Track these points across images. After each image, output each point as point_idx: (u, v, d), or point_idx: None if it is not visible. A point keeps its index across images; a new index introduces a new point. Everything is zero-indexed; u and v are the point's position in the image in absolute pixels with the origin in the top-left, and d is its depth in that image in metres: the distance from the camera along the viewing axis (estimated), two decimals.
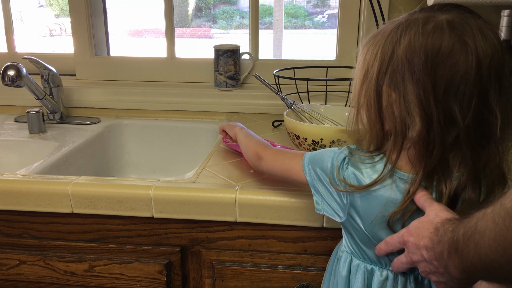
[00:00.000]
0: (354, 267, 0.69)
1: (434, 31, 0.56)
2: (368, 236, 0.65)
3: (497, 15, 1.03)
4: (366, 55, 0.62)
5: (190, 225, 0.85)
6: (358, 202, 0.64)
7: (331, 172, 0.67)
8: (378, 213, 0.62)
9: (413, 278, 0.66)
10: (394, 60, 0.58)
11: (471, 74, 0.54)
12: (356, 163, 0.64)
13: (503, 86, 0.56)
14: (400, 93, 0.57)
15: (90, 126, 1.29)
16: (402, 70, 0.57)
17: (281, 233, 0.84)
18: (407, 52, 0.56)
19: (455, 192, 0.59)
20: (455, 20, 0.56)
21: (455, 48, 0.55)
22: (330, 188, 0.68)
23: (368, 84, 0.61)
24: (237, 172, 0.91)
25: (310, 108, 1.07)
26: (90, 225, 0.88)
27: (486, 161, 0.59)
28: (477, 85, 0.55)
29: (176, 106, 1.36)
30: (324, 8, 9.48)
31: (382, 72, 0.59)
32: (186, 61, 1.43)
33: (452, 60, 0.55)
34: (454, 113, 0.55)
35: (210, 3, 10.06)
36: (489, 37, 0.56)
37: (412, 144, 0.60)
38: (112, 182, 0.86)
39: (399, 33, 0.58)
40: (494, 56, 0.55)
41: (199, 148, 1.31)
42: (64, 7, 9.59)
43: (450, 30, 0.56)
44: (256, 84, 1.39)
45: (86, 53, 1.44)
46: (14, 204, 0.86)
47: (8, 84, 1.15)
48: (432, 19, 0.57)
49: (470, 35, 0.55)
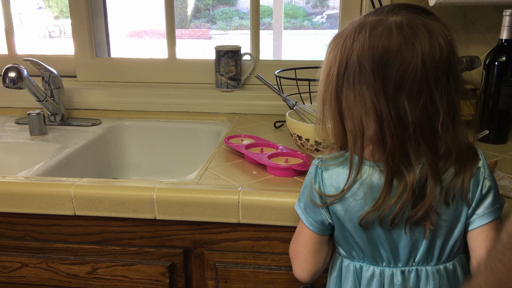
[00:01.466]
0: (344, 268, 0.71)
1: (382, 35, 0.59)
2: (352, 236, 0.67)
3: (499, 14, 1.03)
4: (329, 56, 0.65)
5: (193, 226, 0.85)
6: (338, 207, 0.66)
7: (310, 190, 0.69)
8: (358, 212, 0.65)
9: (399, 271, 0.67)
10: (349, 63, 0.61)
11: (418, 73, 0.58)
12: (328, 167, 0.67)
13: (450, 83, 0.60)
14: (356, 94, 0.61)
15: (91, 127, 1.29)
16: (355, 73, 0.60)
17: (284, 234, 0.83)
18: (359, 56, 0.60)
19: (418, 184, 0.62)
20: (403, 22, 0.59)
21: (402, 49, 0.58)
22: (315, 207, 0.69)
23: (329, 85, 0.64)
24: (239, 173, 0.91)
25: (312, 109, 1.07)
26: (92, 227, 0.88)
27: (445, 150, 0.61)
28: (423, 84, 0.58)
29: (177, 107, 1.36)
30: (323, 9, 9.47)
31: (341, 74, 0.62)
32: (187, 62, 1.43)
33: (398, 60, 0.58)
34: (404, 110, 0.59)
35: (209, 4, 10.09)
36: (436, 36, 0.59)
37: (372, 142, 0.63)
38: (114, 184, 0.86)
39: (352, 38, 0.61)
40: (441, 56, 0.58)
41: (200, 149, 1.31)
42: (63, 8, 9.57)
43: (398, 32, 0.59)
44: (257, 84, 1.38)
45: (86, 55, 1.44)
46: (16, 206, 0.86)
47: (9, 86, 1.15)
48: (381, 22, 0.60)
49: (416, 36, 0.58)
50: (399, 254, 0.67)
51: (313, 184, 0.68)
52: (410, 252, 0.66)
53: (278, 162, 0.91)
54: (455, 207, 0.64)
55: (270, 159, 0.92)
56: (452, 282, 0.68)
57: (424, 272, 0.67)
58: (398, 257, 0.67)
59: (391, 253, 0.67)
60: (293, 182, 0.87)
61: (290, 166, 0.88)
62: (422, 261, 0.67)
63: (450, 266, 0.68)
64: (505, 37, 1.02)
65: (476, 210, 0.65)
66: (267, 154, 0.94)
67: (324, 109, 0.67)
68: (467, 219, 0.65)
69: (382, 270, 0.68)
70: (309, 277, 0.72)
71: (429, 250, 0.66)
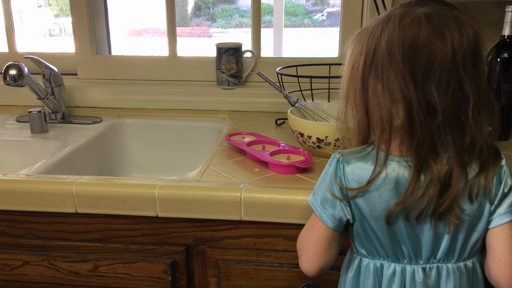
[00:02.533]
0: (364, 267, 0.70)
1: (411, 24, 0.59)
2: (375, 232, 0.66)
3: (501, 10, 1.02)
4: (353, 50, 0.65)
5: (195, 224, 0.85)
6: (361, 202, 0.66)
7: (331, 184, 0.68)
8: (383, 206, 0.64)
9: (421, 269, 0.67)
10: (377, 53, 0.61)
11: (447, 61, 0.58)
12: (350, 160, 0.67)
13: (477, 73, 0.60)
14: (384, 83, 0.61)
15: (92, 125, 1.28)
16: (384, 62, 0.61)
17: (287, 231, 0.83)
18: (388, 45, 0.60)
19: (444, 176, 0.61)
20: (431, 13, 0.60)
21: (432, 38, 0.59)
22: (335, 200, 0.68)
23: (355, 77, 0.65)
24: (241, 171, 0.91)
25: (313, 106, 1.07)
26: (94, 225, 0.87)
27: (470, 141, 0.61)
28: (452, 72, 0.59)
29: (178, 105, 1.36)
30: (323, 6, 9.46)
31: (367, 65, 0.63)
32: (188, 59, 1.43)
33: (428, 49, 0.58)
34: (434, 98, 0.59)
35: (209, 2, 10.07)
36: (464, 27, 0.59)
37: (399, 132, 0.63)
38: (116, 181, 0.86)
39: (381, 28, 0.62)
40: (469, 45, 0.59)
41: (202, 146, 1.30)
42: (63, 7, 9.56)
43: (427, 22, 0.59)
44: (258, 82, 1.38)
45: (87, 52, 1.44)
46: (18, 204, 0.86)
47: (9, 83, 1.15)
48: (409, 13, 0.61)
49: (446, 26, 0.59)
50: (421, 250, 0.66)
51: (335, 178, 0.67)
52: (433, 248, 0.66)
53: (280, 159, 0.91)
54: (478, 204, 0.64)
55: (272, 156, 0.92)
56: (471, 279, 0.68)
57: (445, 270, 0.67)
58: (420, 254, 0.67)
59: (412, 250, 0.66)
60: (295, 179, 0.86)
61: (292, 163, 0.88)
62: (443, 258, 0.66)
63: (470, 264, 0.68)
64: (507, 33, 1.01)
65: (498, 209, 0.65)
66: (269, 151, 0.94)
67: (347, 104, 0.67)
68: (489, 216, 0.65)
69: (403, 267, 0.67)
70: (316, 271, 0.71)
71: (450, 247, 0.66)
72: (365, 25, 0.65)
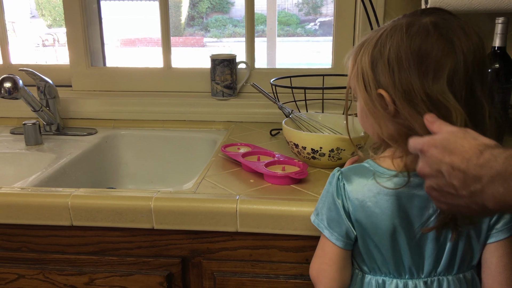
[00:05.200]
0: (366, 284, 0.70)
1: (419, 32, 0.59)
2: (378, 247, 0.66)
3: (491, 21, 1.04)
4: (359, 61, 0.64)
5: (191, 236, 0.85)
6: (363, 218, 0.66)
7: (333, 203, 0.68)
8: (386, 221, 0.64)
9: (422, 282, 0.67)
10: (386, 61, 0.60)
11: (460, 68, 0.58)
12: (350, 178, 0.66)
13: (485, 79, 0.61)
14: (397, 91, 0.60)
15: (87, 137, 1.29)
16: (395, 69, 0.59)
17: (282, 242, 0.83)
18: (397, 53, 0.59)
19: None
20: (438, 21, 0.60)
21: (442, 45, 0.58)
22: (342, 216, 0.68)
23: (365, 88, 0.63)
24: (237, 182, 0.91)
25: (308, 117, 1.07)
26: (89, 238, 0.87)
27: None
28: (465, 78, 0.58)
29: (173, 116, 1.36)
30: (316, 16, 9.54)
31: (377, 74, 0.61)
32: (182, 71, 1.43)
33: (440, 56, 0.58)
34: (449, 104, 0.58)
35: (203, 12, 10.11)
36: (471, 35, 0.60)
37: None
38: (111, 193, 0.86)
39: (387, 38, 0.61)
40: (477, 52, 0.59)
41: (197, 157, 1.31)
42: (56, 17, 9.56)
43: (435, 30, 0.59)
44: (253, 93, 1.39)
45: (82, 64, 1.44)
46: (13, 217, 0.85)
47: (4, 96, 1.15)
48: (416, 22, 0.61)
49: (455, 34, 0.59)
50: (423, 264, 0.67)
51: (336, 198, 0.67)
52: (435, 261, 0.66)
53: (275, 170, 0.91)
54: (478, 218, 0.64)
55: (267, 167, 0.92)
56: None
57: (446, 282, 0.67)
58: (422, 268, 0.67)
59: (414, 264, 0.66)
60: (291, 190, 0.87)
61: (287, 174, 0.88)
62: (444, 271, 0.67)
63: (469, 275, 0.69)
64: (497, 45, 1.03)
65: (496, 224, 0.66)
66: (264, 162, 0.95)
67: (363, 116, 0.67)
68: (487, 231, 0.66)
69: (405, 282, 0.67)
70: None
71: (451, 259, 0.66)
72: (366, 37, 0.65)
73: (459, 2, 1.06)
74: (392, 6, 1.26)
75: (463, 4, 1.06)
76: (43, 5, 10.56)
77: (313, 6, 9.46)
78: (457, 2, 1.06)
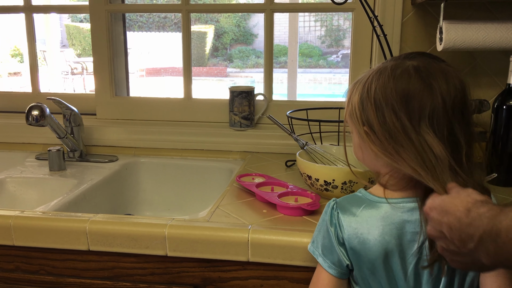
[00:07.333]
0: None
1: (402, 75, 0.64)
2: (374, 273, 0.67)
3: (507, 58, 1.05)
4: (351, 99, 0.70)
5: (203, 264, 0.86)
6: (357, 245, 0.68)
7: (326, 232, 0.71)
8: (379, 248, 0.66)
9: None
10: (372, 101, 0.65)
11: (439, 110, 0.62)
12: (344, 208, 0.70)
13: (466, 120, 0.64)
14: (381, 128, 0.64)
15: (108, 164, 1.33)
16: (379, 108, 0.64)
17: (293, 273, 0.84)
18: (382, 93, 0.64)
19: None
20: (420, 65, 0.65)
21: (421, 89, 0.62)
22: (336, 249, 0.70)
23: (356, 124, 0.69)
24: (250, 212, 0.92)
25: (322, 149, 1.09)
26: (105, 263, 0.90)
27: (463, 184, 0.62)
28: (444, 120, 0.62)
29: (191, 145, 1.40)
30: (338, 48, 9.62)
31: (365, 112, 0.66)
32: (202, 101, 1.48)
33: (420, 98, 0.62)
34: (430, 142, 0.62)
35: (227, 43, 10.31)
36: (451, 78, 0.64)
37: (399, 176, 0.66)
38: (127, 220, 0.88)
39: (374, 79, 0.66)
40: (456, 95, 0.63)
41: (213, 186, 1.33)
42: (86, 47, 9.91)
43: (416, 73, 0.64)
44: (270, 124, 1.42)
45: (106, 94, 1.50)
46: (33, 240, 0.88)
47: (31, 123, 1.20)
48: (400, 65, 0.66)
49: (434, 78, 0.63)
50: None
51: (330, 226, 0.70)
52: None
53: (288, 201, 0.93)
54: None
55: (280, 198, 0.94)
56: None
57: None
58: None
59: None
60: (303, 221, 0.88)
61: (300, 206, 0.90)
62: None
63: None
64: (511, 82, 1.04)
65: None
66: (277, 193, 0.96)
67: (358, 148, 0.72)
68: None
69: None
70: None
71: (449, 286, 0.67)
72: (360, 76, 0.70)
73: (474, 40, 1.08)
74: (408, 42, 1.28)
75: (477, 43, 1.08)
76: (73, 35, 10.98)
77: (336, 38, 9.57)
78: (471, 40, 1.08)
